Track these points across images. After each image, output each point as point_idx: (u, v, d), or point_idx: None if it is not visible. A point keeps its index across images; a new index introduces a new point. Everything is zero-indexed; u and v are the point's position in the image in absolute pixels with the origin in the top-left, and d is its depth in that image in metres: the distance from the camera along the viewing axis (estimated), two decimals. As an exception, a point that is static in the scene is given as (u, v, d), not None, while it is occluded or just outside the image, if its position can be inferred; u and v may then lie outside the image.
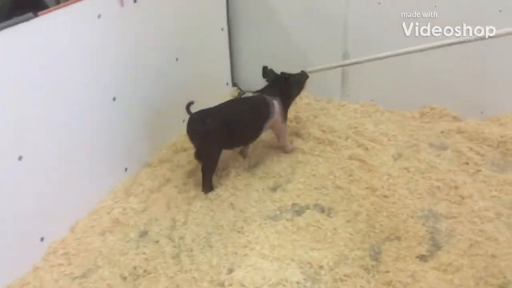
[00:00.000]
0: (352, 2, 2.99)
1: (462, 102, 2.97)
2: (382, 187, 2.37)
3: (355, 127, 2.89)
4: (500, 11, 2.70)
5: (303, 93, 2.98)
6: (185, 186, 2.50)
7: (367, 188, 2.38)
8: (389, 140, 2.77)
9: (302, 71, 2.78)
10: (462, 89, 2.96)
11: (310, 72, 2.82)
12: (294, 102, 2.83)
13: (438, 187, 2.36)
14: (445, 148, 2.68)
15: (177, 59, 2.80)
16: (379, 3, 2.93)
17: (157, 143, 2.78)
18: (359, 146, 2.72)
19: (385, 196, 2.32)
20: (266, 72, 2.72)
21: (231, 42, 3.37)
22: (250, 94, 2.76)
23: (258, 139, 2.69)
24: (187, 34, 2.87)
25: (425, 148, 2.67)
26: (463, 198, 2.29)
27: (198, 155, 2.50)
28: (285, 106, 2.70)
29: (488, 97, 2.94)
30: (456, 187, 2.35)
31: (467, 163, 2.55)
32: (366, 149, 2.68)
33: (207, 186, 2.47)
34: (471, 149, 2.63)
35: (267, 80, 2.72)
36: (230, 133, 2.44)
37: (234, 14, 3.30)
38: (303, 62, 2.96)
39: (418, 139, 2.77)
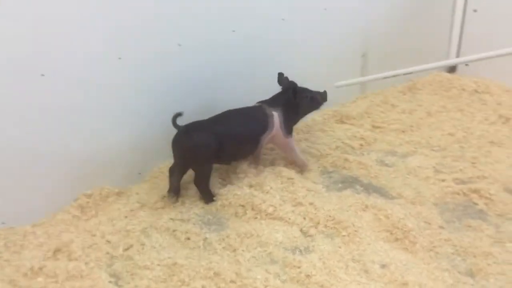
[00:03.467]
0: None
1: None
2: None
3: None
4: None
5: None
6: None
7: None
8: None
9: (324, 91, 2.64)
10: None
11: (339, 86, 2.80)
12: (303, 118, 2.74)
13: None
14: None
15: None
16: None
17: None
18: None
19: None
20: (281, 79, 2.60)
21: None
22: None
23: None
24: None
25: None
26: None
27: (172, 170, 2.42)
28: (290, 119, 2.55)
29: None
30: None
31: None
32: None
33: (206, 197, 2.41)
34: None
35: (282, 88, 2.60)
36: (221, 148, 2.34)
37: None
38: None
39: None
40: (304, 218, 2.28)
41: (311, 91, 2.60)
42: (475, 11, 3.64)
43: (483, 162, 2.69)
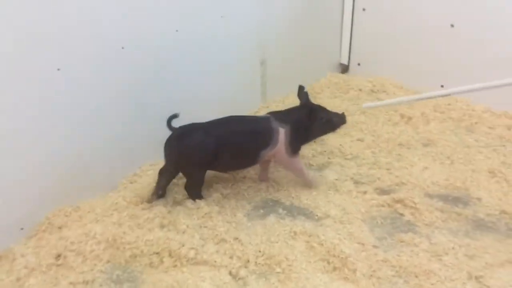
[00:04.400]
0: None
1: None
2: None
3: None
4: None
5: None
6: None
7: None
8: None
9: (342, 113, 2.42)
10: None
11: (368, 107, 2.65)
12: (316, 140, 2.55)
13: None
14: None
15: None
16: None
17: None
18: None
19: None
20: (301, 93, 2.40)
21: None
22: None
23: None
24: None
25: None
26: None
27: (162, 172, 2.30)
28: (298, 138, 2.33)
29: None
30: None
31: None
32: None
33: (194, 196, 2.30)
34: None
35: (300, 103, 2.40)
36: (216, 155, 2.18)
37: None
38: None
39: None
40: (231, 258, 2.00)
41: (328, 113, 2.38)
42: (364, 10, 3.64)
43: (397, 167, 2.63)
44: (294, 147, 2.32)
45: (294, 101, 3.28)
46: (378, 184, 2.50)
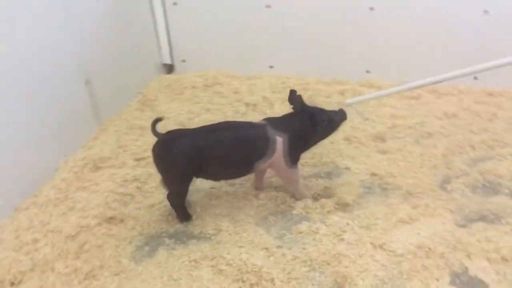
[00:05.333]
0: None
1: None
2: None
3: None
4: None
5: None
6: None
7: None
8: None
9: (340, 109, 2.19)
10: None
11: (350, 104, 2.42)
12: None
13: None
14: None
15: None
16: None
17: None
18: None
19: None
20: (294, 98, 2.12)
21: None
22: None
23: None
24: None
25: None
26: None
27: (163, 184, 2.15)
28: (298, 146, 2.13)
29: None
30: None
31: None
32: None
33: (181, 215, 2.15)
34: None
35: (292, 108, 2.14)
36: (204, 164, 2.00)
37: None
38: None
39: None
40: (137, 316, 1.71)
41: (328, 113, 2.16)
42: (175, 4, 3.46)
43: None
44: (294, 157, 2.13)
45: (131, 114, 3.01)
46: (252, 183, 2.41)
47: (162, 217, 2.20)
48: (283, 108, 2.99)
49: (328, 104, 2.88)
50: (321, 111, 2.16)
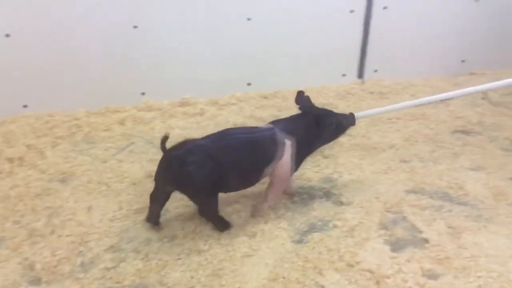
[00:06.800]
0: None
1: None
2: None
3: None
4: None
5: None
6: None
7: None
8: None
9: (350, 113, 2.17)
10: None
11: (359, 118, 2.23)
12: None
13: None
14: None
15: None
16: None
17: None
18: None
19: None
20: (301, 98, 2.06)
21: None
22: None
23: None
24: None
25: None
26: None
27: (154, 197, 1.97)
28: (304, 150, 2.05)
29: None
30: None
31: None
32: None
33: (220, 225, 2.00)
34: None
35: (299, 109, 2.08)
36: (222, 175, 1.86)
37: None
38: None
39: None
40: None
41: (336, 115, 2.13)
42: None
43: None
44: (299, 160, 2.07)
45: None
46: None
47: None
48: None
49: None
50: (329, 112, 2.13)
